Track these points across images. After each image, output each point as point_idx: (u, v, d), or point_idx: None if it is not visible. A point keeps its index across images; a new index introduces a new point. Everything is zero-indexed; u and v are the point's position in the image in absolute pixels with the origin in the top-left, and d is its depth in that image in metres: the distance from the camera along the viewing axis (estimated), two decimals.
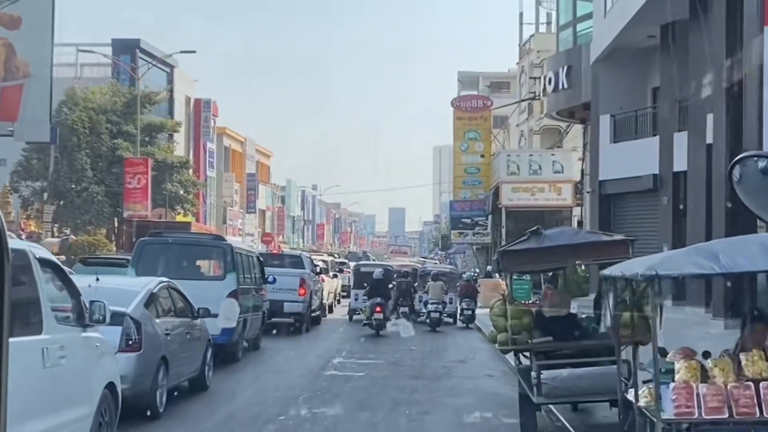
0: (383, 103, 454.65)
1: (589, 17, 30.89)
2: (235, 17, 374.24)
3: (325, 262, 33.73)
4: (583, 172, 36.61)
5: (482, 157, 49.12)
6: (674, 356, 6.69)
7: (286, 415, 11.42)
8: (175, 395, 11.87)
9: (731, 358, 6.89)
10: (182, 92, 58.61)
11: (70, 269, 20.27)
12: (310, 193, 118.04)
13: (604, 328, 9.73)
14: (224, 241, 17.53)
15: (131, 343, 10.52)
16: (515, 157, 44.47)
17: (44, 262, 7.57)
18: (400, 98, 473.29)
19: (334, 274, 34.01)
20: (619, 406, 8.56)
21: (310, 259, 26.84)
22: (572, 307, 10.66)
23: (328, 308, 29.92)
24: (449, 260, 71.16)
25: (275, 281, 20.42)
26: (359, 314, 25.65)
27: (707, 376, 6.62)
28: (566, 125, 43.96)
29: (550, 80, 32.97)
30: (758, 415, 6.44)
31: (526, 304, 11.79)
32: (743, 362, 6.74)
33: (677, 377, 6.55)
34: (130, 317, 10.62)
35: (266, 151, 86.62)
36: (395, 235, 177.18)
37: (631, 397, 7.16)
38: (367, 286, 25.12)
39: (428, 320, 25.85)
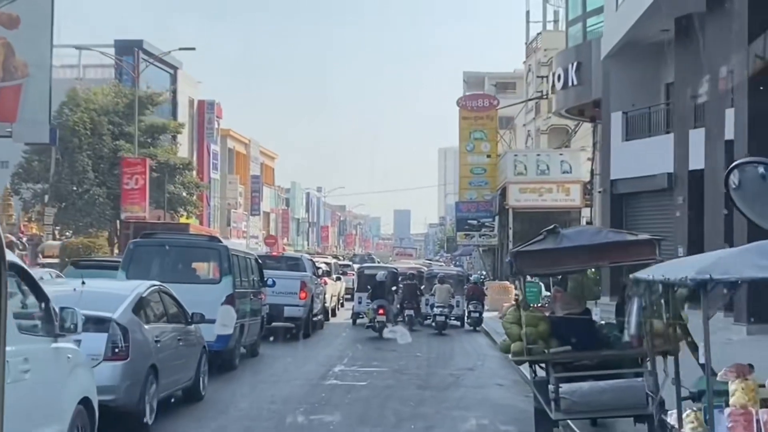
0: (388, 104, 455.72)
1: (599, 11, 30.45)
2: (239, 19, 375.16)
3: (328, 264, 33.12)
4: (592, 172, 36.14)
5: (488, 157, 48.42)
6: (726, 374, 5.77)
7: (280, 430, 10.75)
8: (171, 402, 11.34)
9: None
10: (186, 94, 58.11)
11: (59, 272, 19.77)
12: (314, 195, 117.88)
13: (627, 336, 8.98)
14: (220, 242, 16.77)
15: (117, 351, 9.95)
16: (522, 157, 43.93)
17: (7, 264, 6.76)
18: (404, 100, 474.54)
19: (337, 276, 33.38)
20: (653, 429, 7.71)
21: (311, 261, 26.23)
22: (593, 313, 9.82)
23: (330, 312, 29.48)
24: (455, 262, 70.46)
25: (275, 284, 19.82)
26: (363, 318, 25.41)
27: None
28: (574, 125, 43.46)
29: (559, 77, 32.29)
30: None
31: (535, 307, 11.16)
32: None
33: (732, 400, 5.62)
34: (116, 323, 10.05)
35: (271, 153, 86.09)
36: (400, 237, 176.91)
37: (672, 420, 6.24)
38: (370, 288, 24.82)
39: (434, 323, 25.55)
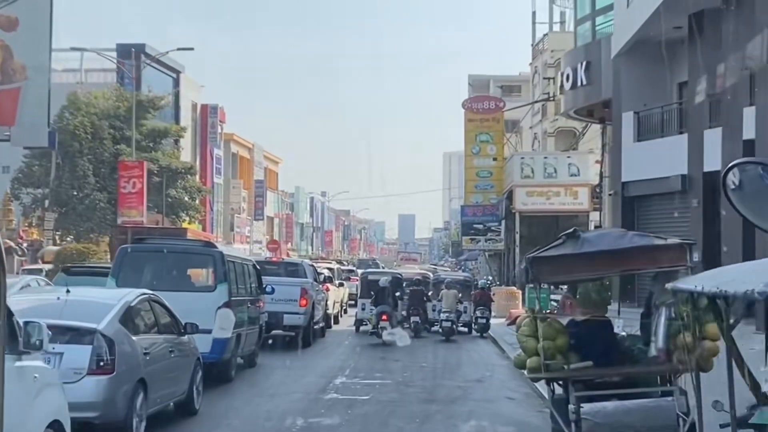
0: (392, 108, 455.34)
1: (609, 9, 29.83)
2: (242, 24, 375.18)
3: (330, 270, 32.31)
4: (601, 174, 35.37)
5: (494, 160, 47.68)
6: None
7: None
8: (162, 417, 10.70)
9: None
10: (188, 98, 57.58)
11: (48, 280, 19.02)
12: (318, 199, 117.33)
13: (654, 351, 8.19)
14: (215, 248, 16.01)
15: (103, 364, 9.33)
16: (529, 159, 43.10)
17: None
18: (409, 104, 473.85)
19: (340, 282, 32.60)
20: None
21: (312, 267, 25.47)
22: (615, 325, 9.01)
23: (333, 319, 28.81)
24: (460, 267, 69.69)
25: (274, 291, 19.06)
26: (366, 325, 24.90)
27: None
28: (582, 127, 42.69)
29: (567, 77, 31.54)
30: None
31: (550, 313, 10.35)
32: None
33: None
34: (101, 335, 9.43)
35: (274, 157, 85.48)
36: (405, 241, 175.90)
37: None
38: (374, 294, 24.33)
39: (441, 330, 25.03)
